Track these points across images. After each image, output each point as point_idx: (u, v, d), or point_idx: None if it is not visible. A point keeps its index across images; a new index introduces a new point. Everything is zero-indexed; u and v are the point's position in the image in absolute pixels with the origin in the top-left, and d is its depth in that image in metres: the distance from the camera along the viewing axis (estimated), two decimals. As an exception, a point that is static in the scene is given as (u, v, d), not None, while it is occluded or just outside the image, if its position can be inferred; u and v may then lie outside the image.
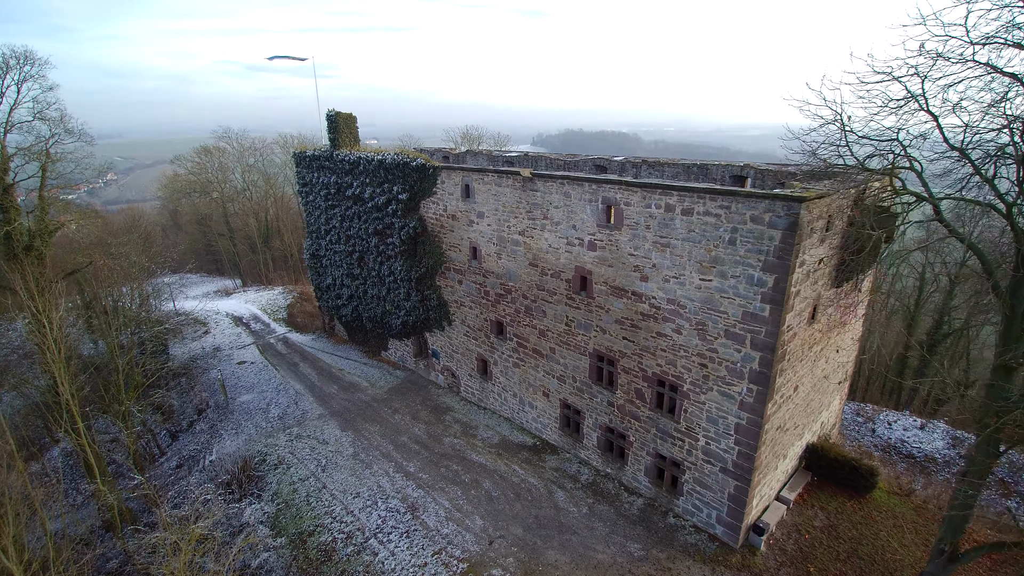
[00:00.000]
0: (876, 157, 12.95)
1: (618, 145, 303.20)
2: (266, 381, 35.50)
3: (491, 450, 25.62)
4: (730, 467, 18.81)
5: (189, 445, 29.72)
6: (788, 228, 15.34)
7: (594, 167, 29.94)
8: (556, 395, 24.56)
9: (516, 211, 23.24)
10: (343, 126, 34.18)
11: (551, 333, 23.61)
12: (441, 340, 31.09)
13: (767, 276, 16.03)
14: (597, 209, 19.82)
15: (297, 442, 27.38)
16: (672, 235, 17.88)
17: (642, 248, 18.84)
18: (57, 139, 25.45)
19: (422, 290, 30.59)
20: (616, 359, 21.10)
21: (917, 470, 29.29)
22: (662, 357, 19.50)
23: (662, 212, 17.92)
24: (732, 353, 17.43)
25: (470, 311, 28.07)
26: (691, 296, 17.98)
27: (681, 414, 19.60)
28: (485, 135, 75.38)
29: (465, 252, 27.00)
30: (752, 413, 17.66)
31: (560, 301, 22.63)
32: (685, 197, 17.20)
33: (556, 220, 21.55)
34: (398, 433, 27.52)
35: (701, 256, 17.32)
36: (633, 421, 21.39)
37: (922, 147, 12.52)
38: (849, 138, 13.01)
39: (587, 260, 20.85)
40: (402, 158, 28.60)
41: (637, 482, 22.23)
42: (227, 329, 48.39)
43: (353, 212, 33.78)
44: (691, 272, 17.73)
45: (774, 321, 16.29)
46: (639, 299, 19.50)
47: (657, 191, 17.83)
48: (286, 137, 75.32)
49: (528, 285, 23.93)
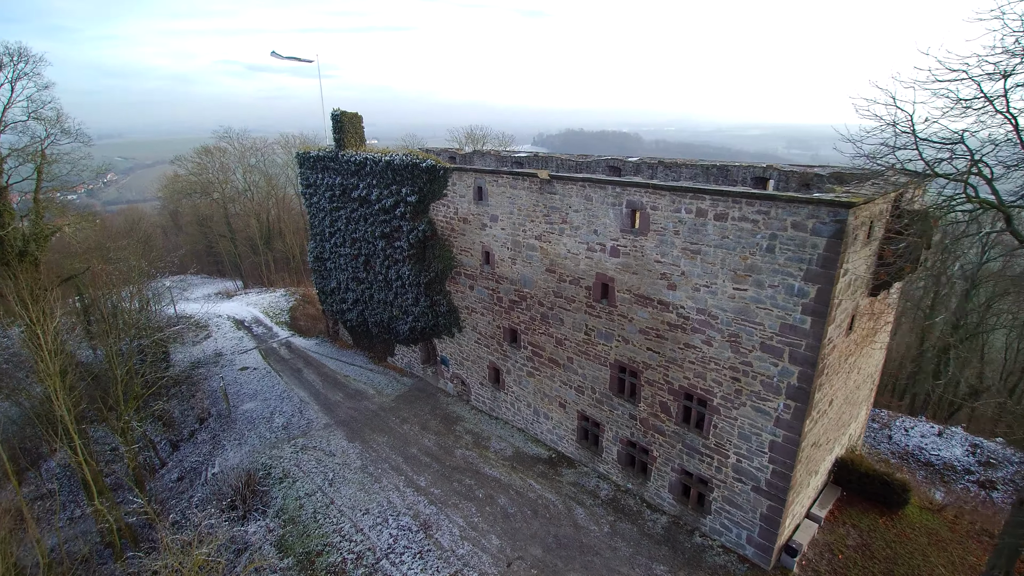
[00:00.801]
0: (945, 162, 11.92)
1: (619, 145, 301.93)
2: (269, 388, 34.50)
3: (505, 463, 24.60)
4: (763, 486, 17.80)
5: (190, 456, 28.71)
6: (834, 236, 14.34)
7: (608, 168, 28.98)
8: (573, 406, 23.55)
9: (532, 215, 22.23)
10: (348, 126, 33.18)
11: (569, 342, 22.59)
12: (451, 347, 30.08)
13: (809, 286, 15.02)
14: (621, 213, 18.81)
15: (303, 454, 26.36)
16: (703, 241, 16.87)
17: (670, 255, 17.83)
18: (53, 140, 24.37)
19: (431, 295, 29.58)
20: (639, 371, 20.09)
21: (936, 478, 28.41)
22: (690, 370, 18.49)
23: (693, 217, 16.91)
24: (768, 367, 16.43)
25: (482, 318, 27.06)
26: (723, 306, 16.97)
27: (710, 430, 18.59)
28: (489, 135, 74.40)
29: (477, 256, 25.99)
30: (789, 430, 16.66)
31: (579, 309, 21.62)
32: (719, 201, 16.19)
33: (576, 224, 20.54)
34: (407, 444, 26.50)
35: (735, 264, 16.31)
36: (657, 435, 20.38)
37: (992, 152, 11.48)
38: (908, 140, 11.98)
39: (609, 267, 19.83)
40: (411, 159, 27.58)
41: (660, 499, 21.23)
42: (229, 333, 47.43)
43: (359, 214, 32.77)
44: (724, 281, 16.72)
45: (815, 334, 15.29)
46: (666, 308, 18.49)
47: (688, 195, 16.82)
48: (288, 137, 74.30)
49: (544, 292, 22.92)
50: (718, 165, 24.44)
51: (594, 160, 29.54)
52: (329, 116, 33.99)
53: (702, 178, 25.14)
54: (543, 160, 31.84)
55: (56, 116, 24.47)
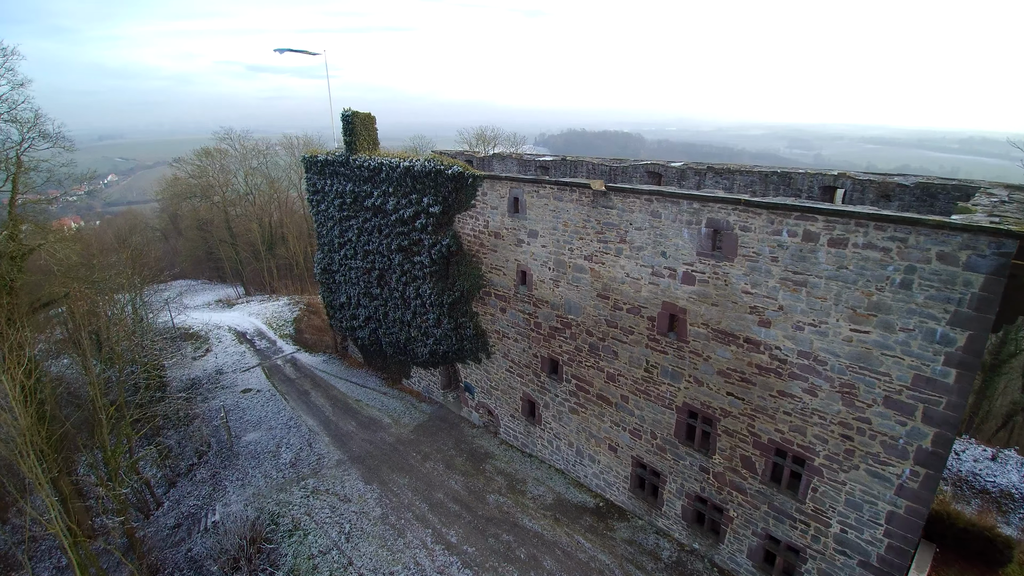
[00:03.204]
0: None
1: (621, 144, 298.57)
2: (274, 415, 31.48)
3: (546, 513, 21.58)
4: (874, 562, 14.78)
5: (188, 498, 25.67)
6: (994, 272, 11.33)
7: (647, 174, 26.02)
8: (627, 451, 20.52)
9: (582, 231, 19.20)
10: (360, 128, 30.08)
11: (624, 379, 19.56)
12: (476, 374, 27.06)
13: (957, 332, 12.00)
14: (699, 233, 15.78)
15: (314, 499, 23.34)
16: (812, 271, 13.84)
17: (763, 285, 14.80)
18: (31, 144, 21.31)
19: (455, 317, 26.55)
20: (716, 418, 17.06)
21: (994, 507, 25.57)
22: (785, 422, 15.46)
23: (798, 241, 13.88)
24: (893, 426, 13.40)
25: (515, 344, 24.04)
26: (835, 350, 13.95)
27: (807, 492, 15.56)
28: (500, 135, 71.42)
29: (511, 276, 22.97)
30: (914, 501, 13.63)
31: (639, 342, 18.59)
32: (836, 223, 13.15)
33: (638, 245, 17.50)
34: (432, 488, 23.48)
35: (855, 300, 13.28)
36: (736, 493, 17.35)
37: None
38: None
39: (680, 295, 16.80)
40: (435, 165, 24.54)
41: (736, 564, 18.20)
42: (230, 347, 44.43)
43: (373, 225, 29.75)
44: (838, 320, 13.70)
45: (961, 390, 12.27)
46: (755, 348, 15.46)
47: (793, 214, 13.78)
48: (290, 138, 71.36)
49: (595, 320, 19.89)
50: (779, 172, 21.49)
51: (631, 165, 26.61)
52: (337, 116, 30.95)
53: (760, 187, 22.18)
54: (571, 164, 28.84)
55: (34, 117, 21.37)
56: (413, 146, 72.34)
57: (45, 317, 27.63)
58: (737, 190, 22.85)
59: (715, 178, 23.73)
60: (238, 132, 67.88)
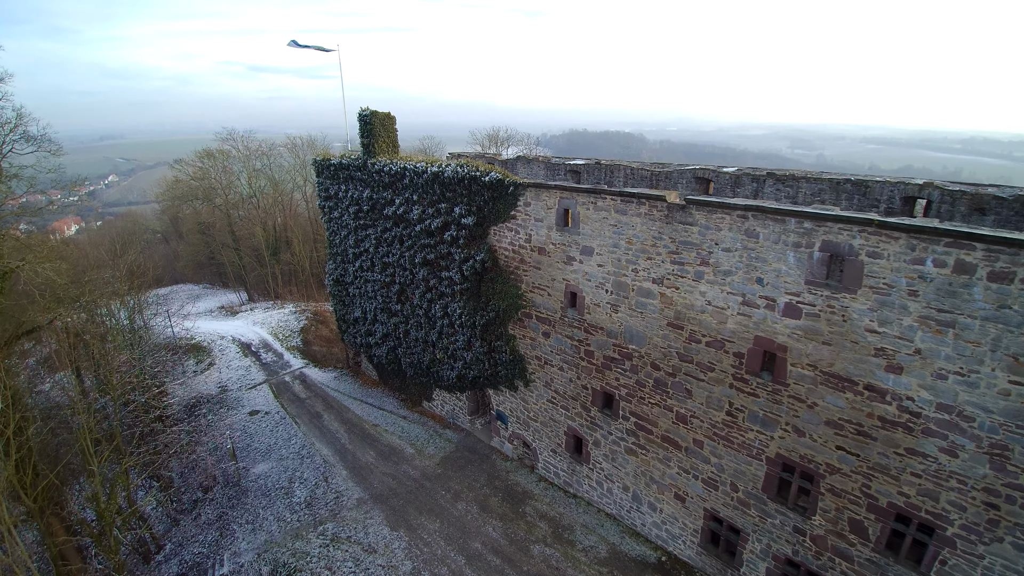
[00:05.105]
0: None
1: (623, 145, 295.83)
2: (285, 442, 28.86)
3: (601, 570, 18.97)
4: (1024, 657, 12.24)
5: (193, 541, 23.01)
6: None
7: (695, 180, 23.58)
8: (699, 502, 17.93)
9: (651, 250, 16.60)
10: (380, 129, 27.50)
11: (699, 421, 16.97)
12: (511, 402, 24.46)
13: None
14: (810, 258, 13.20)
15: (334, 548, 20.72)
16: (963, 309, 11.27)
17: (896, 324, 12.22)
18: (11, 148, 18.64)
19: (489, 340, 23.95)
20: (819, 474, 14.48)
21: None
22: (912, 484, 12.89)
23: (947, 273, 11.30)
24: (1070, 502, 10.87)
25: (560, 373, 21.45)
26: (986, 404, 11.38)
27: (933, 565, 13.01)
28: (514, 136, 68.88)
29: (557, 298, 20.39)
30: (1090, 591, 11.11)
31: (720, 380, 16.00)
32: (1001, 253, 10.59)
33: (725, 268, 14.92)
34: (467, 535, 20.88)
35: (1018, 347, 10.72)
36: (840, 560, 14.78)
37: None
38: None
39: (780, 330, 14.21)
40: (469, 171, 21.95)
41: (834, 641, 15.64)
42: (234, 361, 41.81)
43: (393, 235, 27.17)
44: (993, 369, 11.13)
45: None
46: (879, 397, 12.89)
47: (943, 240, 11.21)
48: (293, 139, 68.71)
49: (663, 352, 17.29)
50: (853, 180, 19.04)
51: (675, 171, 24.13)
52: (351, 115, 28.34)
53: (830, 197, 19.70)
54: (606, 168, 26.33)
55: (16, 118, 18.72)
56: (422, 147, 69.72)
57: (29, 346, 25.06)
58: (803, 200, 20.35)
59: (776, 185, 21.28)
60: (241, 133, 65.28)
